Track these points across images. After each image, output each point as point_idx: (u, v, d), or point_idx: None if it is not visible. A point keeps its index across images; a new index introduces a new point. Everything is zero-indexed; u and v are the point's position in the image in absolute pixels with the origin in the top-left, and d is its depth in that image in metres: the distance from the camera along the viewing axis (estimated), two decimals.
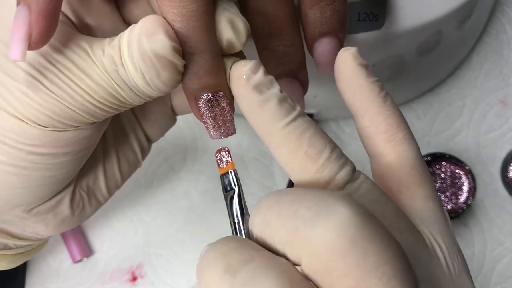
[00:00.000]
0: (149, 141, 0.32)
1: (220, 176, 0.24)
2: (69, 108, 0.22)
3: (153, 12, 0.25)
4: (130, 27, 0.22)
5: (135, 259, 0.46)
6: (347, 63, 0.23)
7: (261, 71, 0.22)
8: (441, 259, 0.21)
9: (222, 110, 0.24)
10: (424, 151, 0.45)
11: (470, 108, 0.46)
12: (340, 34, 0.28)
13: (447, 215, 0.23)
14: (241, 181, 0.24)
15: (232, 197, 0.23)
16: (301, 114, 0.22)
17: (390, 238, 0.18)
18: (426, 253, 0.21)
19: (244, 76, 0.22)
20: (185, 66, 0.23)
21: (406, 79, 0.41)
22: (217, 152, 0.24)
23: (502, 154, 0.45)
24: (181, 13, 0.22)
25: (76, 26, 0.24)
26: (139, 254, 0.46)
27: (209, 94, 0.24)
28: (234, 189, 0.23)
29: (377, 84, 0.23)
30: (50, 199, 0.26)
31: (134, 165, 0.31)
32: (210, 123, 0.24)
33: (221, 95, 0.24)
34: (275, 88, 0.22)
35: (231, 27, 0.23)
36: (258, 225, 0.20)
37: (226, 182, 0.23)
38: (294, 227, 0.18)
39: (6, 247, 0.28)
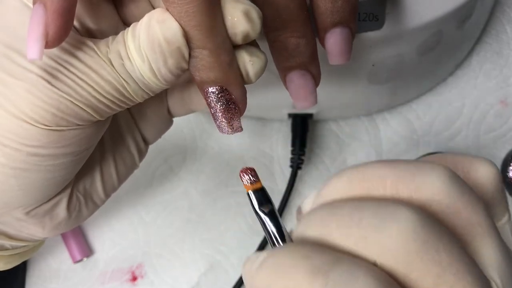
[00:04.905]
0: (146, 143, 0.32)
1: (249, 193, 0.23)
2: (74, 104, 0.23)
3: None
4: (134, 23, 0.23)
5: (135, 259, 0.45)
6: None
7: None
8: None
9: (228, 105, 0.24)
10: (424, 151, 0.45)
11: (470, 108, 0.46)
12: (351, 24, 0.27)
13: None
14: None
15: (270, 211, 0.23)
16: None
17: (453, 237, 0.18)
18: None
19: None
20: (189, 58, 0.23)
21: (406, 79, 0.41)
22: (242, 172, 0.24)
23: (502, 154, 0.45)
24: (184, 11, 0.22)
25: (79, 31, 0.24)
26: (139, 254, 0.46)
27: (215, 87, 0.24)
28: (271, 203, 0.23)
29: None
30: (47, 201, 0.26)
31: (131, 167, 0.31)
32: (216, 117, 0.25)
33: (224, 90, 0.24)
34: None
35: (246, 19, 0.23)
36: (315, 235, 0.20)
37: (262, 197, 0.23)
38: (362, 235, 0.18)
39: (2, 248, 0.28)
